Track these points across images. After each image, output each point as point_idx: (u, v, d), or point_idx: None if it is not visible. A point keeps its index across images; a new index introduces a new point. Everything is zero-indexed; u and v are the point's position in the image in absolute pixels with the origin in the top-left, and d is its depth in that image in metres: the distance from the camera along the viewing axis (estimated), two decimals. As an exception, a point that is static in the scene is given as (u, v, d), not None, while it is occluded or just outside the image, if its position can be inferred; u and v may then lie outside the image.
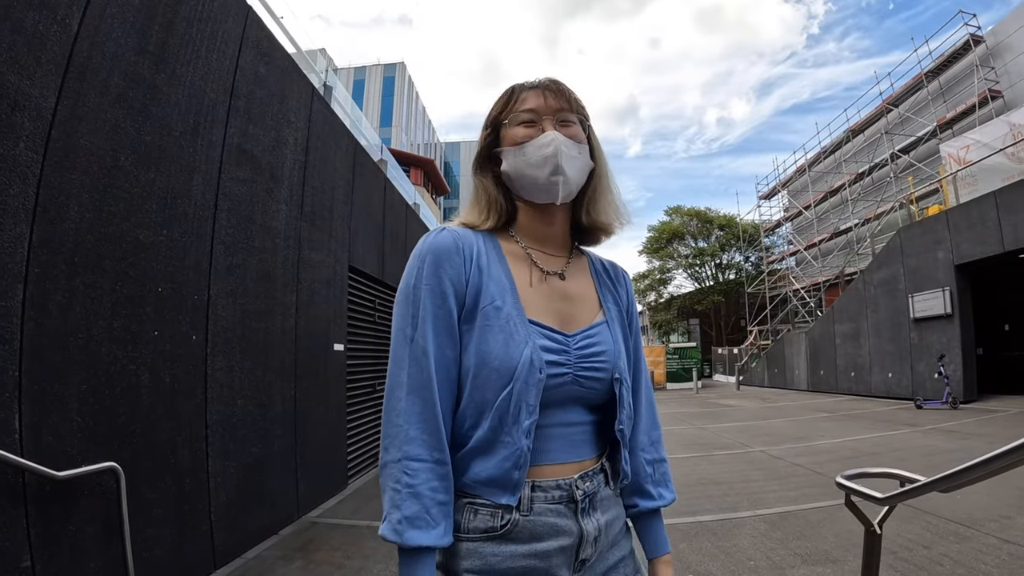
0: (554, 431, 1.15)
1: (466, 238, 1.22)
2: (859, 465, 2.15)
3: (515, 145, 1.21)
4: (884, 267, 17.55)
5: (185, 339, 3.75)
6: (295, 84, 5.48)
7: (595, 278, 1.35)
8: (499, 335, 1.11)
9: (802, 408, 15.55)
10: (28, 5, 2.60)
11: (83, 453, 2.87)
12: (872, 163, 26.01)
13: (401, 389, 1.10)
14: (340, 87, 8.66)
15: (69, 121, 2.84)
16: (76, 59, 2.88)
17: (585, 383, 1.16)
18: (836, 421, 12.25)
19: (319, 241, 5.98)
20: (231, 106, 4.28)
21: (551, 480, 1.12)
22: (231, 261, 4.29)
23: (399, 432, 1.08)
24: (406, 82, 51.38)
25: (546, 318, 1.18)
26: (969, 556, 3.88)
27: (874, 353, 17.88)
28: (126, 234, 3.24)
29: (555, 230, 1.31)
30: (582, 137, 1.24)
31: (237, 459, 4.27)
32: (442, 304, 1.13)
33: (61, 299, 2.80)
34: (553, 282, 1.25)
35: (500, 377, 1.09)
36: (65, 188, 2.82)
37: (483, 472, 1.10)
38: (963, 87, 22.08)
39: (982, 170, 16.06)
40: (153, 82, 3.46)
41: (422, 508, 1.04)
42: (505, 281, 1.19)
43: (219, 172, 4.14)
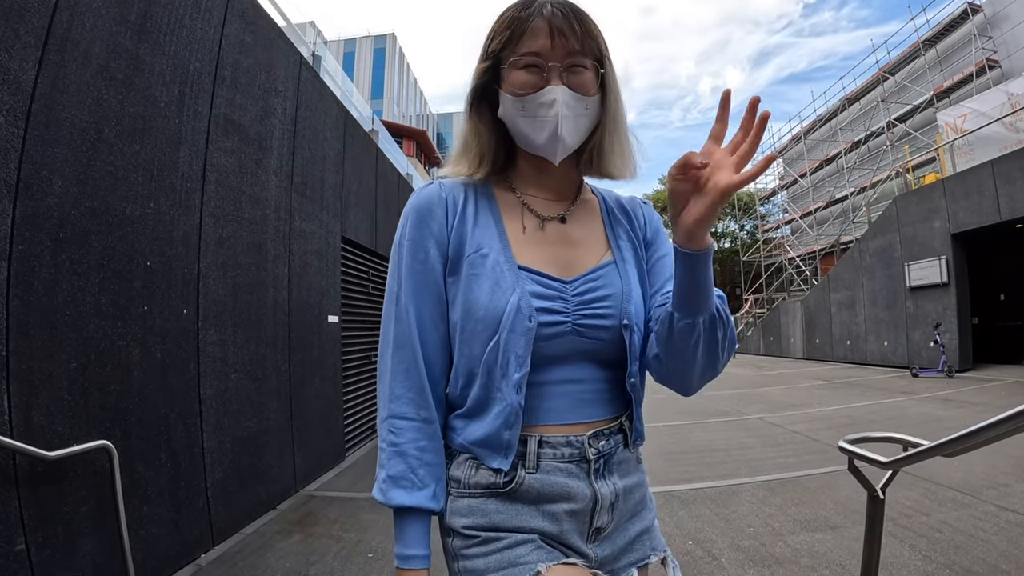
0: (558, 388, 1.06)
1: (453, 188, 1.15)
2: (857, 431, 2.13)
3: (514, 95, 1.07)
4: (880, 236, 17.55)
5: (175, 313, 3.69)
6: (282, 53, 5.36)
7: (605, 217, 1.23)
8: (485, 283, 1.04)
9: (798, 376, 15.65)
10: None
11: (74, 432, 2.82)
12: (868, 131, 25.93)
13: (388, 347, 1.07)
14: (330, 58, 8.52)
15: (50, 94, 2.75)
16: (56, 31, 2.78)
17: (588, 333, 1.06)
18: (832, 389, 12.33)
19: (310, 212, 5.90)
20: (217, 76, 4.17)
21: (560, 436, 1.04)
22: (221, 233, 4.21)
23: (385, 390, 1.06)
24: (397, 53, 50.68)
25: (541, 264, 1.09)
26: (968, 523, 3.90)
27: (870, 321, 17.97)
28: (112, 208, 3.16)
29: (557, 177, 1.19)
30: (592, 87, 1.07)
31: (232, 434, 4.24)
32: (424, 260, 1.08)
33: (47, 276, 2.73)
34: (552, 227, 1.15)
35: (486, 328, 1.02)
36: (48, 163, 2.74)
37: (476, 432, 1.05)
38: (960, 56, 21.95)
39: (979, 139, 16.01)
40: (136, 52, 3.36)
41: (407, 468, 1.02)
42: (494, 228, 1.11)
43: (206, 143, 4.04)
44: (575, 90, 1.06)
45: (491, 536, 1.03)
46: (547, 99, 1.04)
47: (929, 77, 22.99)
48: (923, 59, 23.50)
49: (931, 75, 23.00)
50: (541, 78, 1.05)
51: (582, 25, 1.05)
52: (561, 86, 1.05)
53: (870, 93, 26.76)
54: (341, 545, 4.02)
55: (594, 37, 1.08)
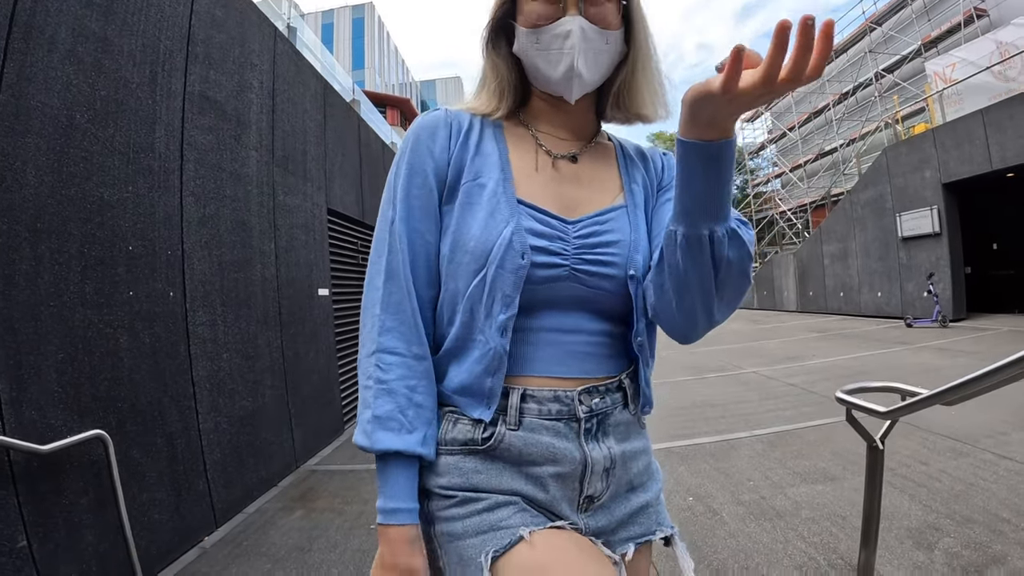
0: (548, 337, 0.99)
1: (460, 116, 1.09)
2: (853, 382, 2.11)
3: (530, 27, 1.01)
4: (871, 187, 17.51)
5: (162, 296, 3.64)
6: (256, 27, 5.22)
7: (621, 161, 1.15)
8: (479, 213, 0.98)
9: (793, 329, 15.75)
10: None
11: (67, 424, 2.80)
12: (856, 83, 25.72)
13: (379, 276, 0.99)
14: (307, 30, 8.33)
15: (17, 83, 2.66)
16: (19, 17, 2.68)
17: (588, 280, 0.99)
18: (827, 340, 12.41)
19: (294, 186, 5.82)
20: (189, 53, 4.06)
21: (547, 390, 0.97)
22: (203, 212, 4.14)
23: (374, 322, 0.98)
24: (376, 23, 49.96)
25: (544, 201, 1.02)
26: (967, 472, 3.93)
27: (863, 273, 18.03)
28: (89, 194, 3.09)
29: (574, 117, 1.12)
30: (614, 20, 1.01)
31: (228, 414, 4.22)
32: (422, 184, 1.02)
33: (27, 268, 2.68)
34: (562, 165, 1.08)
35: (473, 260, 0.96)
36: (20, 153, 2.66)
37: (456, 378, 0.98)
38: (948, 5, 21.70)
39: (968, 88, 15.87)
40: (104, 34, 3.25)
41: (396, 407, 0.93)
42: (496, 159, 1.04)
43: (182, 122, 3.95)
44: (594, 22, 0.99)
45: (470, 496, 0.95)
46: (563, 30, 0.99)
47: (916, 27, 22.75)
48: (910, 8, 23.22)
49: (918, 25, 22.75)
50: (557, 8, 0.99)
51: None
52: (578, 17, 0.98)
53: (857, 44, 26.50)
54: (343, 518, 4.03)
55: None
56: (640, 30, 1.06)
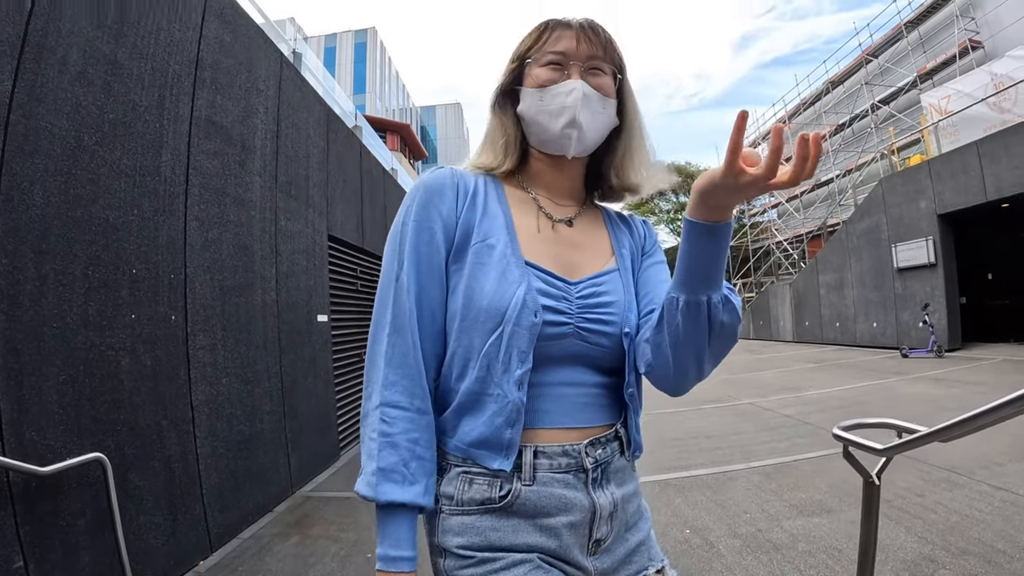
0: (555, 391, 1.04)
1: (465, 176, 1.14)
2: (849, 414, 2.13)
3: (536, 87, 1.11)
4: (867, 217, 17.65)
5: (164, 320, 3.65)
6: (263, 52, 5.30)
7: (610, 227, 1.24)
8: (491, 273, 1.02)
9: (789, 359, 15.75)
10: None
11: (67, 446, 2.80)
12: (852, 114, 25.99)
13: (384, 330, 1.02)
14: (311, 55, 8.43)
15: (28, 104, 2.70)
16: (31, 38, 2.73)
17: (589, 337, 1.05)
18: (823, 371, 12.42)
19: (296, 211, 5.85)
20: (197, 77, 4.12)
21: (556, 446, 1.02)
22: (206, 237, 4.17)
23: (378, 375, 1.01)
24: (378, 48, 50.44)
25: (547, 263, 1.08)
26: (963, 503, 3.93)
27: (859, 303, 18.10)
28: (95, 216, 3.12)
29: (567, 181, 1.20)
30: (610, 90, 1.12)
31: (226, 438, 4.21)
32: (429, 241, 1.05)
33: (32, 288, 2.69)
34: (560, 229, 1.15)
35: (489, 319, 0.99)
36: (28, 173, 2.70)
37: (472, 431, 1.01)
38: (943, 37, 21.99)
39: (964, 120, 16.09)
40: (114, 57, 3.30)
41: (399, 460, 0.97)
42: (503, 220, 1.09)
43: (188, 146, 3.99)
44: (595, 88, 1.10)
45: (487, 556, 0.99)
46: (566, 88, 1.09)
47: (912, 59, 23.02)
48: (906, 41, 23.51)
49: (914, 57, 23.03)
50: (563, 75, 1.10)
51: (605, 36, 1.12)
52: (581, 80, 1.09)
53: (854, 76, 26.80)
54: (340, 546, 4.01)
55: (615, 49, 1.14)
56: (631, 106, 1.19)
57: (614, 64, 1.14)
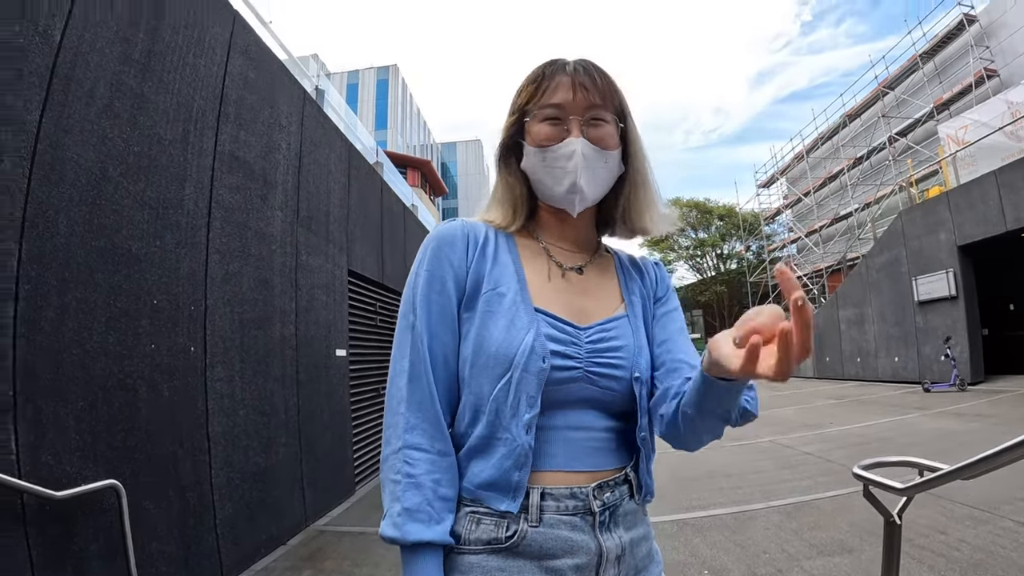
0: (564, 434, 1.04)
1: (476, 227, 1.16)
2: (870, 451, 2.09)
3: (536, 146, 1.10)
4: (886, 251, 17.51)
5: (183, 351, 3.69)
6: (286, 88, 5.43)
7: (620, 274, 1.24)
8: (500, 320, 1.04)
9: (809, 395, 15.52)
10: (5, 16, 2.54)
11: (82, 471, 2.82)
12: (870, 147, 25.98)
13: (402, 377, 1.04)
14: (333, 91, 8.60)
15: (55, 134, 2.79)
16: (60, 70, 2.82)
17: (599, 382, 1.05)
18: (844, 407, 12.22)
19: (316, 246, 5.93)
20: (221, 112, 4.22)
21: (564, 488, 1.02)
22: (227, 269, 4.23)
23: (400, 420, 1.02)
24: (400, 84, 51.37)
25: (557, 309, 1.08)
26: (987, 540, 3.83)
27: (879, 338, 17.85)
28: (118, 246, 3.18)
29: (577, 230, 1.21)
30: (612, 141, 1.11)
31: (241, 470, 4.22)
32: (441, 290, 1.07)
33: (53, 315, 2.75)
34: (570, 276, 1.16)
35: (498, 364, 1.01)
36: (53, 202, 2.77)
37: (481, 474, 1.02)
38: (959, 67, 22.07)
39: (981, 150, 15.99)
40: (140, 91, 3.40)
41: (424, 500, 0.97)
42: (513, 269, 1.11)
43: (211, 180, 4.08)
44: (595, 143, 1.08)
45: None
46: (567, 150, 1.07)
47: (928, 90, 23.09)
48: (922, 72, 23.62)
49: (930, 88, 23.10)
50: (562, 130, 1.09)
51: (603, 80, 1.10)
52: (581, 138, 1.07)
53: (870, 108, 26.87)
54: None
55: (616, 92, 1.12)
56: (636, 151, 1.17)
57: (615, 111, 1.13)
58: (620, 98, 1.13)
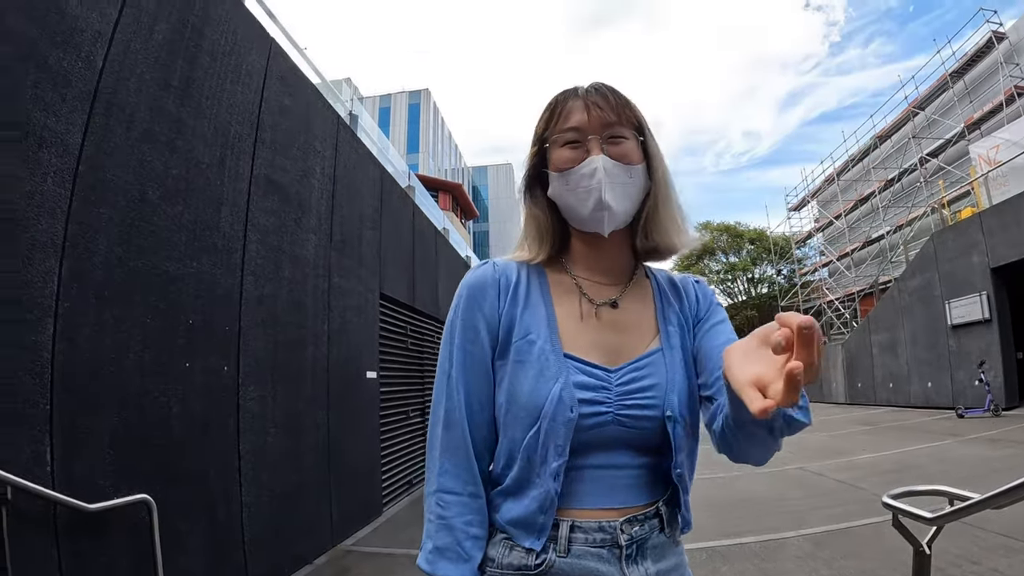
0: (595, 473, 1.06)
1: (508, 270, 1.17)
2: (902, 479, 2.06)
3: (558, 171, 1.10)
4: (919, 274, 17.24)
5: (216, 370, 3.77)
6: (320, 114, 5.55)
7: (657, 301, 1.21)
8: (530, 371, 1.06)
9: (841, 422, 15.24)
10: (52, 43, 2.66)
11: (115, 485, 2.88)
12: (901, 168, 25.53)
13: (439, 424, 1.10)
14: (366, 115, 8.74)
15: (96, 156, 2.89)
16: (101, 95, 2.94)
17: (629, 422, 1.05)
18: (876, 434, 11.99)
19: (349, 269, 6.02)
20: (257, 138, 4.34)
21: (592, 521, 1.04)
22: (261, 291, 4.32)
23: (434, 464, 1.09)
24: (431, 108, 51.95)
25: (589, 352, 1.09)
26: (1020, 570, 3.73)
27: (912, 362, 17.51)
28: (155, 267, 3.28)
29: (610, 257, 1.19)
30: (635, 156, 1.10)
31: (271, 488, 4.26)
32: (474, 340, 1.11)
33: (91, 332, 2.83)
34: (604, 312, 1.14)
35: (528, 415, 1.04)
36: (93, 223, 2.87)
37: (511, 512, 1.07)
38: (989, 86, 21.60)
39: (1013, 170, 15.65)
40: (179, 116, 3.52)
41: (454, 540, 1.03)
42: (544, 313, 1.12)
43: (247, 203, 4.18)
44: (616, 159, 1.08)
45: None
46: (588, 169, 1.07)
47: (959, 109, 22.63)
48: (951, 91, 23.17)
49: (961, 107, 22.63)
50: (583, 152, 1.08)
51: (616, 97, 1.10)
52: (601, 156, 1.07)
53: (901, 129, 26.40)
54: (378, 601, 3.98)
55: (631, 108, 1.12)
56: (657, 165, 1.15)
57: (633, 126, 1.11)
58: (636, 113, 1.13)
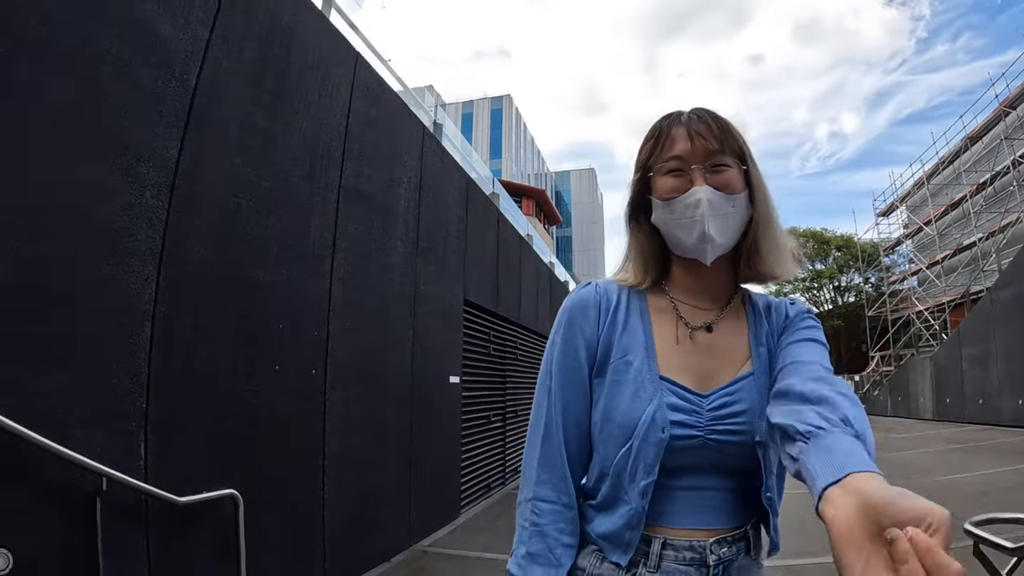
0: (684, 494, 1.08)
1: (608, 291, 1.21)
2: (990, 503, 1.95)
3: (662, 200, 1.12)
4: (1013, 284, 16.09)
5: (304, 373, 3.92)
6: (405, 124, 5.70)
7: (751, 325, 1.21)
8: (626, 391, 1.09)
9: (927, 439, 14.36)
10: (145, 62, 2.83)
11: (205, 479, 3.04)
12: (993, 172, 23.67)
13: (537, 435, 1.15)
14: (449, 123, 8.87)
15: (191, 170, 3.06)
16: (195, 111, 3.11)
17: (719, 447, 1.07)
18: (964, 453, 11.26)
19: (434, 275, 6.14)
20: (345, 149, 4.49)
21: (684, 540, 1.06)
22: (349, 298, 4.46)
23: (532, 474, 1.14)
24: (513, 113, 52.26)
25: (682, 376, 1.11)
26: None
27: (1004, 378, 16.29)
28: (247, 274, 3.45)
29: (709, 282, 1.20)
30: (737, 185, 1.10)
31: (352, 488, 4.41)
32: (574, 357, 1.15)
33: (186, 336, 3.01)
34: (699, 336, 1.16)
35: (621, 433, 1.07)
36: (189, 232, 3.04)
37: (601, 525, 1.10)
38: (1086, 80, 19.91)
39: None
40: (269, 130, 3.69)
41: (546, 547, 1.08)
42: (642, 336, 1.15)
43: (336, 213, 4.34)
44: (720, 189, 1.09)
45: None
46: (692, 200, 1.08)
47: (1055, 106, 20.98)
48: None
49: (1056, 104, 20.97)
50: (686, 181, 1.10)
51: (719, 124, 1.11)
52: (705, 186, 1.08)
53: (992, 130, 24.60)
54: (452, 604, 4.03)
55: (734, 135, 1.12)
56: (760, 193, 1.14)
57: (735, 154, 1.12)
58: (739, 141, 1.13)
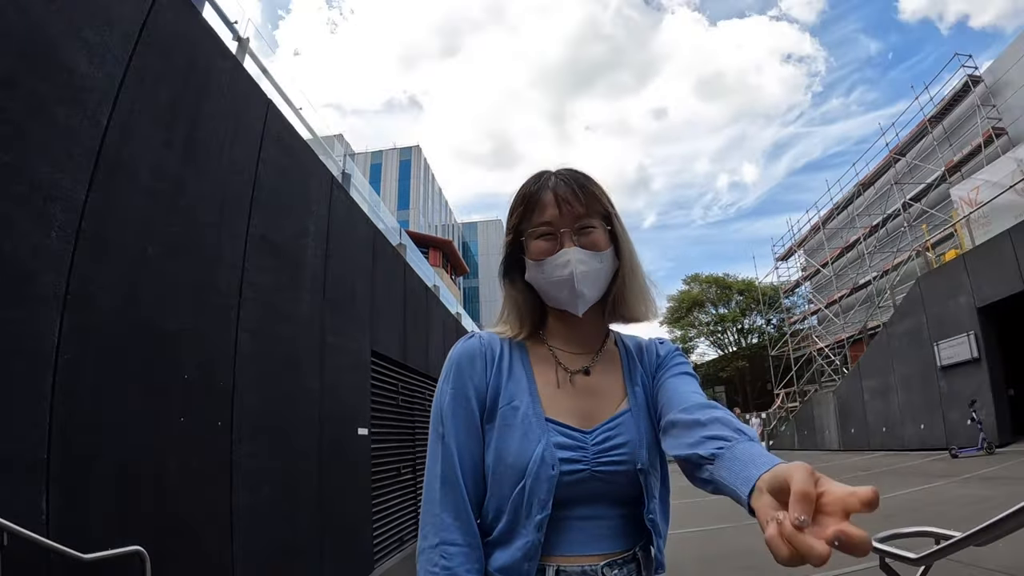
0: (576, 524, 1.16)
1: (492, 342, 1.30)
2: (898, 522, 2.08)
3: (535, 260, 1.23)
4: (907, 318, 17.48)
5: (210, 425, 3.79)
6: (315, 173, 5.70)
7: (625, 366, 1.34)
8: (516, 433, 1.17)
9: (835, 468, 15.15)
10: (60, 100, 2.76)
11: (109, 536, 2.86)
12: (885, 214, 26.12)
13: (436, 481, 1.19)
14: (357, 173, 8.86)
15: (99, 212, 2.96)
16: (106, 152, 3.02)
17: (605, 477, 1.16)
18: (871, 479, 11.90)
19: (341, 326, 6.07)
20: (254, 197, 4.44)
21: (576, 566, 1.13)
22: (256, 348, 4.35)
23: (436, 520, 1.16)
24: (422, 165, 52.49)
25: (566, 417, 1.21)
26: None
27: (904, 406, 17.61)
28: (153, 322, 3.33)
29: (583, 330, 1.32)
30: (603, 243, 1.23)
31: (264, 542, 4.24)
32: (466, 406, 1.22)
33: (90, 383, 2.87)
34: (578, 380, 1.27)
35: (514, 473, 1.14)
36: (95, 277, 2.93)
37: (499, 560, 1.15)
38: (967, 128, 22.36)
39: (994, 209, 16.12)
40: (180, 175, 3.62)
41: None
42: (525, 383, 1.24)
43: (243, 262, 4.26)
44: (587, 248, 1.21)
45: None
46: (562, 260, 1.20)
47: (939, 153, 23.35)
48: (931, 136, 23.94)
49: (940, 151, 23.38)
50: (556, 243, 1.21)
51: (584, 191, 1.23)
52: (574, 248, 1.20)
53: (883, 176, 27.09)
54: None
55: (598, 198, 1.25)
56: (625, 247, 1.29)
57: (600, 215, 1.25)
58: (603, 202, 1.26)
